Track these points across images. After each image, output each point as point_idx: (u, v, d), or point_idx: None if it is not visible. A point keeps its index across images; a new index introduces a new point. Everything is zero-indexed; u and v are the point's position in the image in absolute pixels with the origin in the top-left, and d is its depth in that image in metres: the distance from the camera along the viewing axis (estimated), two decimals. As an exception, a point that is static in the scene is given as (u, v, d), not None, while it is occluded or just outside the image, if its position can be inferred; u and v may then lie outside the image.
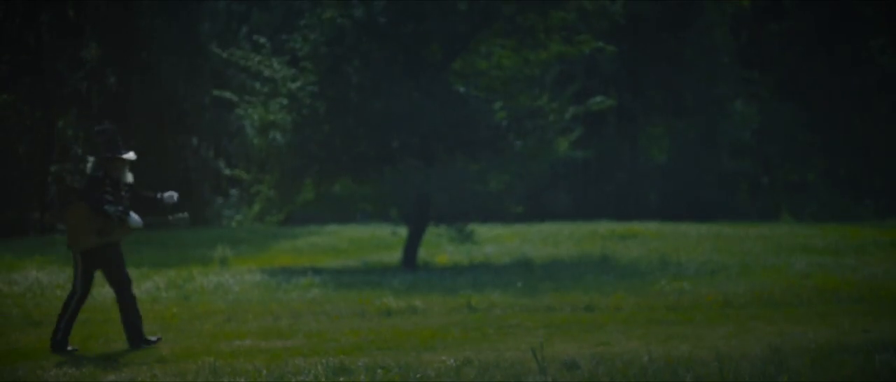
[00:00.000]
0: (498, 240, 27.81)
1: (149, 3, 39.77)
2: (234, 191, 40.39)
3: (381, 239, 28.43)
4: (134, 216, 11.81)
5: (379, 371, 9.60)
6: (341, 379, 9.44)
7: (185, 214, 12.30)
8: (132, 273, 21.11)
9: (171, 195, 12.27)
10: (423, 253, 24.51)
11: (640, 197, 43.22)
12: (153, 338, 11.98)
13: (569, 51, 23.96)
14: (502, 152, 23.39)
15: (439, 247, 26.25)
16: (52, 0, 39.50)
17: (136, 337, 11.81)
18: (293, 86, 23.09)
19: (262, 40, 24.11)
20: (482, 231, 27.25)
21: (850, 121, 45.20)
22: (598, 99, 24.88)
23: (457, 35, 23.30)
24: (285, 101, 23.17)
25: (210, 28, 40.87)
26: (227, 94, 24.48)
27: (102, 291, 18.02)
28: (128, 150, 11.88)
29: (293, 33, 24.05)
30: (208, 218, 39.60)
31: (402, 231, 25.24)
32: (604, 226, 30.84)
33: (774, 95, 44.73)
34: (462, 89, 23.51)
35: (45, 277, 20.37)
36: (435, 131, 22.95)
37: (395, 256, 24.63)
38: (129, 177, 11.94)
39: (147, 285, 18.76)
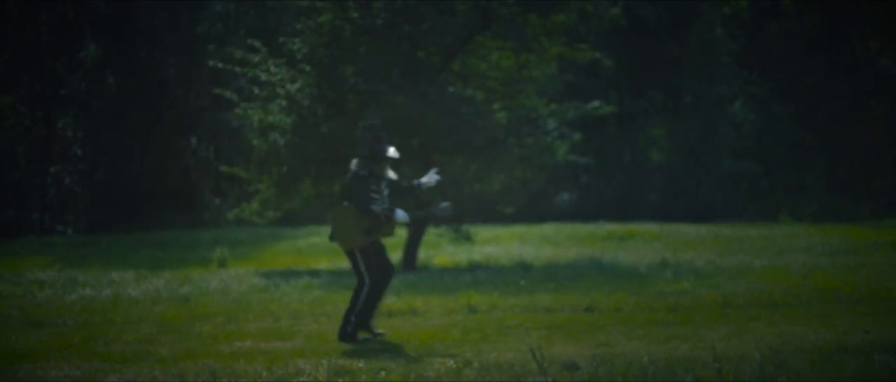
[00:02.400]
0: (497, 241, 27.83)
1: (148, 3, 39.79)
2: (233, 192, 40.38)
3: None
4: (400, 212, 11.81)
5: (379, 372, 9.61)
6: (342, 381, 9.44)
7: (448, 204, 12.24)
8: (130, 274, 21.17)
9: (430, 178, 12.19)
10: (422, 254, 24.52)
11: (639, 198, 43.24)
12: (375, 332, 12.07)
13: (568, 53, 23.97)
14: (501, 156, 23.40)
15: (439, 248, 26.26)
16: (51, 0, 39.53)
17: (361, 326, 11.97)
18: (292, 87, 23.10)
19: (257, 44, 24.07)
20: (481, 232, 27.28)
21: (849, 122, 45.22)
22: (596, 103, 24.90)
23: (455, 37, 23.29)
24: (284, 103, 23.19)
25: (209, 29, 40.88)
26: (228, 94, 24.47)
27: (105, 292, 18.02)
28: (390, 146, 11.90)
29: (291, 35, 24.03)
30: (207, 219, 39.61)
31: (401, 232, 25.25)
32: (603, 227, 30.87)
33: (774, 96, 44.76)
34: (460, 92, 23.50)
35: (45, 278, 20.37)
36: (432, 135, 22.95)
37: (395, 257, 24.64)
38: (392, 174, 11.99)
39: (146, 286, 18.76)
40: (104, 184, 39.60)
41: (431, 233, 25.13)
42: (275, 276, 20.39)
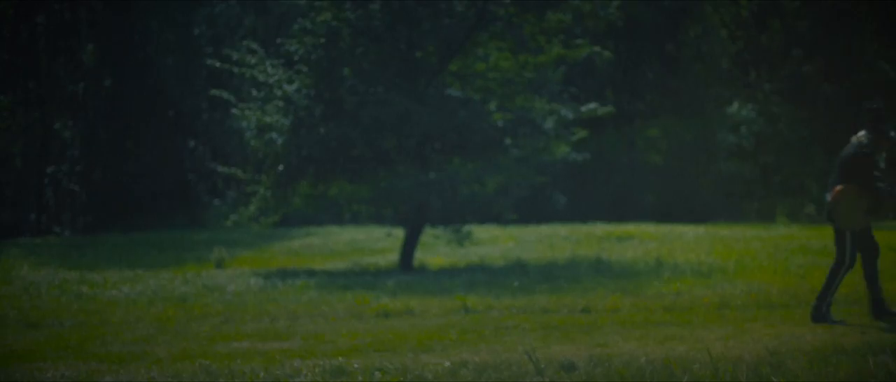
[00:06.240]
0: (494, 242, 27.81)
1: (145, 4, 39.78)
2: (230, 193, 40.35)
3: (378, 241, 28.42)
4: None
5: (376, 372, 9.61)
6: (338, 381, 9.44)
7: None
8: (127, 275, 21.16)
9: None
10: (419, 255, 24.50)
11: (636, 199, 43.22)
12: (892, 311, 12.28)
13: (566, 53, 23.96)
14: (498, 156, 23.38)
15: (435, 249, 26.24)
16: (48, 1, 39.52)
17: (878, 308, 12.19)
18: (289, 88, 23.09)
19: (254, 46, 24.06)
20: (478, 232, 27.27)
21: (847, 124, 45.18)
22: (592, 105, 24.88)
23: (452, 38, 23.28)
24: (281, 104, 23.18)
25: (206, 30, 40.86)
26: (225, 94, 24.46)
27: (102, 292, 18.01)
28: (892, 128, 12.09)
29: (288, 36, 24.01)
30: (205, 220, 39.60)
31: (398, 232, 25.22)
32: (600, 228, 30.84)
33: (771, 97, 44.77)
34: (458, 93, 23.49)
35: (41, 278, 20.36)
36: (429, 136, 22.94)
37: (392, 258, 24.62)
38: (883, 155, 12.18)
39: (143, 287, 18.75)
40: (101, 184, 39.59)
41: (428, 234, 25.13)
42: (272, 277, 20.38)
